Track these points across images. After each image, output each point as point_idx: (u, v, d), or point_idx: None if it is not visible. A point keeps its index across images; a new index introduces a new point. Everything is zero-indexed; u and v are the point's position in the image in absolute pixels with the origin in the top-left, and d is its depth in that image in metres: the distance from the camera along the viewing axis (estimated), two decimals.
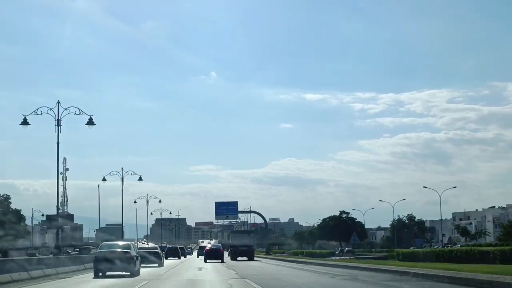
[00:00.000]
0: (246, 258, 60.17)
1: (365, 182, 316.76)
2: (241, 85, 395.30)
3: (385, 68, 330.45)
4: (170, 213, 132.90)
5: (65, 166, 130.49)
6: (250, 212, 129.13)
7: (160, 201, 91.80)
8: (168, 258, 63.82)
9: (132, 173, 60.78)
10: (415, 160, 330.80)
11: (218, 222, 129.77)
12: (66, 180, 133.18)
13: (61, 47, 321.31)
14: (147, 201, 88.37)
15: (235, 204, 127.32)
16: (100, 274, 26.83)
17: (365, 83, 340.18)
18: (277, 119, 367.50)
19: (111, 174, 59.72)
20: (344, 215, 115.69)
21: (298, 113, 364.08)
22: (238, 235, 68.58)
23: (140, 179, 61.33)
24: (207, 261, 53.15)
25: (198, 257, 77.06)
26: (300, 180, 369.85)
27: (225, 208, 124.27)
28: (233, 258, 60.95)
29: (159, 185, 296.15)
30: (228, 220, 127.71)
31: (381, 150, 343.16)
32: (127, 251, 27.71)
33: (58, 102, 37.29)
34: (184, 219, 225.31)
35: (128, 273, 26.90)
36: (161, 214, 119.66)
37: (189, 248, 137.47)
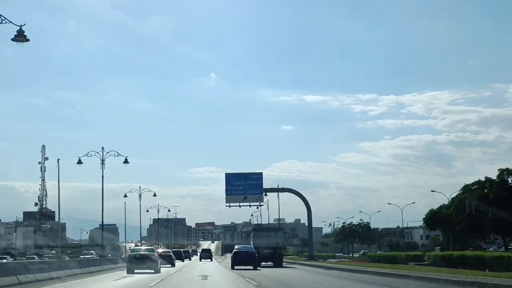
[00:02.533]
0: (271, 264, 49.10)
1: (366, 184, 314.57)
2: (241, 87, 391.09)
3: (386, 69, 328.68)
4: (169, 210, 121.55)
5: (44, 154, 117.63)
6: (282, 190, 79.63)
7: (154, 195, 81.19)
8: None
9: (116, 154, 51.57)
10: (417, 162, 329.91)
11: (230, 206, 74.83)
12: (45, 170, 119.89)
13: (60, 48, 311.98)
14: (139, 195, 79.26)
15: (258, 177, 75.93)
16: (131, 271, 33.86)
17: (365, 85, 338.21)
18: (278, 121, 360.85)
19: (89, 155, 50.49)
20: (510, 179, 57.71)
21: (298, 115, 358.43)
22: (262, 234, 54.14)
23: (126, 161, 51.88)
24: (235, 267, 41.84)
25: (200, 260, 74.84)
26: (301, 182, 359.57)
27: (242, 184, 74.22)
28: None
29: (159, 187, 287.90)
30: (247, 203, 75.38)
31: (382, 152, 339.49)
32: (151, 254, 35.47)
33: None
34: (184, 219, 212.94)
35: (152, 271, 33.85)
36: (142, 209, 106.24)
37: (194, 250, 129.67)
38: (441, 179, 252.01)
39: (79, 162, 49.60)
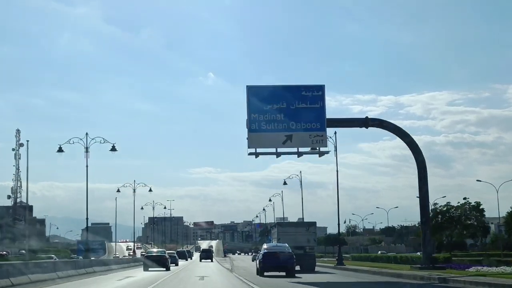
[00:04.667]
0: (298, 268, 39.58)
1: (365, 185, 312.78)
2: (239, 87, 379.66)
3: (385, 70, 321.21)
4: (165, 207, 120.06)
5: (19, 140, 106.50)
6: (366, 122, 36.32)
7: (150, 190, 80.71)
8: None
9: (102, 141, 50.50)
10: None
11: (257, 154, 33.62)
12: (20, 158, 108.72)
13: (59, 49, 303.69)
14: (134, 190, 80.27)
15: (316, 94, 34.39)
16: (147, 269, 42.54)
17: (364, 85, 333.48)
18: None
19: (70, 142, 49.96)
20: None
21: None
22: (290, 230, 43.97)
23: (113, 148, 51.06)
24: (265, 273, 33.14)
25: (200, 260, 72.86)
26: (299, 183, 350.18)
27: (282, 109, 33.93)
28: None
29: (157, 187, 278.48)
30: (294, 149, 34.53)
31: (380, 153, 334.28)
32: (163, 255, 46.41)
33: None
34: (181, 217, 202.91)
35: (164, 269, 42.95)
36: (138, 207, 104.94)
37: (197, 246, 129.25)
38: (439, 180, 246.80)
39: (60, 150, 49.87)
